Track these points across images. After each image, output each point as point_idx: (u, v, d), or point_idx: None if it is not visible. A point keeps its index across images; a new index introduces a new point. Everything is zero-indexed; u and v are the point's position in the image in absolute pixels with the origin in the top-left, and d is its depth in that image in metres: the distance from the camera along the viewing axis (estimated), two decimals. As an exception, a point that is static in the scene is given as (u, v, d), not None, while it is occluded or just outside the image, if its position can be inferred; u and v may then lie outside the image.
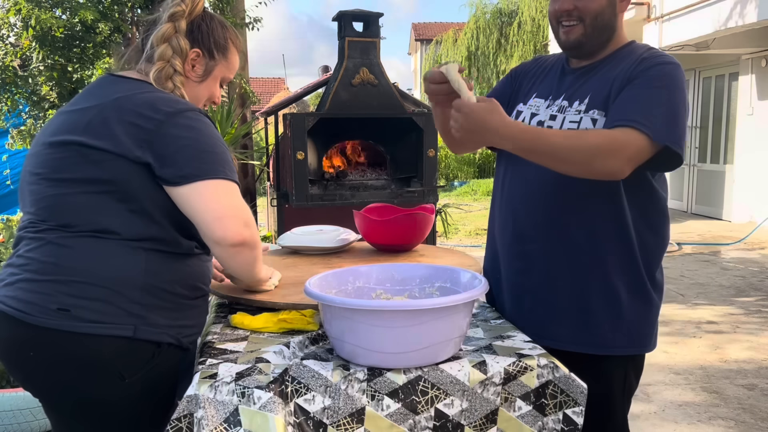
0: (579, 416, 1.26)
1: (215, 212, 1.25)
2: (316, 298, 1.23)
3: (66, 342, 1.21)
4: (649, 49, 1.50)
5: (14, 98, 4.20)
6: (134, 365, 1.25)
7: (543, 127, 1.53)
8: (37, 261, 1.25)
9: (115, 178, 1.25)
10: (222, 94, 6.63)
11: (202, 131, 1.29)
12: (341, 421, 1.17)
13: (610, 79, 1.48)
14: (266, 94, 19.90)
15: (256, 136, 8.65)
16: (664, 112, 1.38)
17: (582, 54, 1.57)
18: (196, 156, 1.26)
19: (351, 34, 4.99)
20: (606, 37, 1.53)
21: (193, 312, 1.38)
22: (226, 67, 1.46)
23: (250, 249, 1.32)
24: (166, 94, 1.32)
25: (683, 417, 2.90)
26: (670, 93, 1.41)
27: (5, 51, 4.03)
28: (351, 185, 5.13)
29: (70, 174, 1.26)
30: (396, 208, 2.32)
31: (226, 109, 5.33)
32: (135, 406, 1.29)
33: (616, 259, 1.51)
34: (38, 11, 3.70)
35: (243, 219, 1.27)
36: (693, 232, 8.18)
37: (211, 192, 1.26)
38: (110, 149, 1.24)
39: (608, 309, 1.52)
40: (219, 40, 1.43)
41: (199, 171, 1.25)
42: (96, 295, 1.22)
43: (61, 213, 1.26)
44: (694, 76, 10.01)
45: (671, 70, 1.43)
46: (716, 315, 4.51)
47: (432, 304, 1.17)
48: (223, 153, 1.30)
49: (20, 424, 2.63)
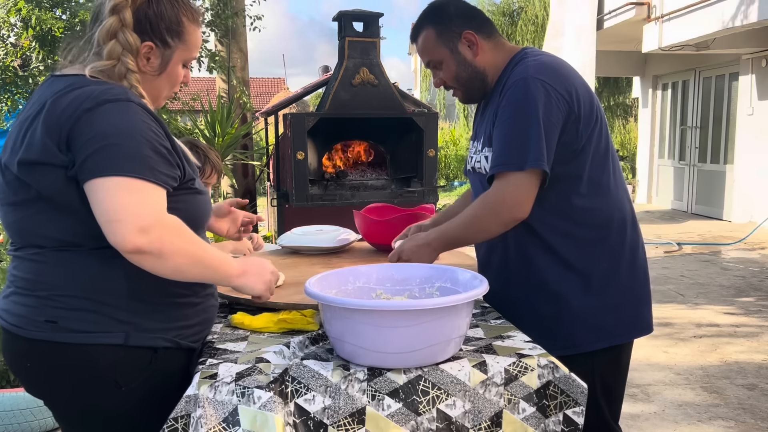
0: (579, 416, 1.26)
1: (105, 215, 1.10)
2: (316, 298, 1.23)
3: (58, 353, 1.19)
4: (513, 68, 1.58)
5: (14, 98, 4.20)
6: (130, 372, 1.22)
7: (474, 172, 1.69)
8: (19, 278, 1.24)
9: (52, 193, 1.16)
10: (222, 95, 6.64)
11: (114, 123, 1.13)
12: (342, 421, 1.17)
13: (490, 112, 1.60)
14: (266, 94, 19.89)
15: (256, 137, 8.65)
16: (513, 139, 1.49)
17: (477, 101, 1.74)
18: (97, 150, 1.11)
19: (351, 34, 4.99)
20: (479, 82, 1.65)
21: (192, 310, 1.31)
22: (185, 50, 1.30)
23: (155, 258, 1.11)
24: (93, 87, 1.17)
25: (683, 417, 2.90)
26: (515, 118, 1.50)
27: (5, 51, 4.03)
28: (351, 185, 5.13)
29: (16, 197, 1.20)
30: (396, 208, 2.32)
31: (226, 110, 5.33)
32: (139, 412, 1.25)
33: (547, 265, 1.58)
34: (38, 11, 3.70)
35: (137, 224, 1.09)
36: (693, 232, 8.17)
37: (104, 191, 1.10)
38: (39, 160, 1.15)
39: (557, 311, 1.58)
40: (171, 25, 1.26)
41: (95, 167, 1.11)
42: (81, 306, 1.18)
43: (25, 236, 1.22)
44: (694, 76, 10.01)
45: (518, 91, 1.50)
46: (716, 315, 4.51)
47: (432, 304, 1.16)
48: (133, 146, 1.13)
49: (20, 424, 2.63)
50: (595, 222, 1.58)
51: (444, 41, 1.62)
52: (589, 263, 1.58)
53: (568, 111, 1.50)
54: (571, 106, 1.51)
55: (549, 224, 1.56)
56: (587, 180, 1.56)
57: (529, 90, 1.48)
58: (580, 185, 1.56)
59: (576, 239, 1.57)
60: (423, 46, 1.66)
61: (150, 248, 1.10)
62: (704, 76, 9.86)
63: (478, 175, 1.66)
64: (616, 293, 1.60)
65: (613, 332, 1.60)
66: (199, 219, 1.32)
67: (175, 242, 1.14)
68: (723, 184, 9.20)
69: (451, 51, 1.62)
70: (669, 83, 10.80)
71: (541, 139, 1.46)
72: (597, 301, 1.58)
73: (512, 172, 1.48)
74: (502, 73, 1.62)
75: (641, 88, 11.59)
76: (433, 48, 1.64)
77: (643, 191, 11.35)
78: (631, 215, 1.65)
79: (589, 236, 1.57)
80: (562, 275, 1.57)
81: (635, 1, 8.22)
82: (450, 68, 1.64)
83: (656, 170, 11.10)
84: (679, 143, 10.42)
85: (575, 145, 1.53)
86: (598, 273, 1.58)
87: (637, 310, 1.63)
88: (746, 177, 8.59)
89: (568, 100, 1.50)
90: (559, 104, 1.49)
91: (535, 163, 1.46)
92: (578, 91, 1.53)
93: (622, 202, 1.63)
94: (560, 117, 1.49)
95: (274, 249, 2.31)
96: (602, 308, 1.58)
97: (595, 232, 1.58)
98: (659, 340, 3.94)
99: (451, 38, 1.62)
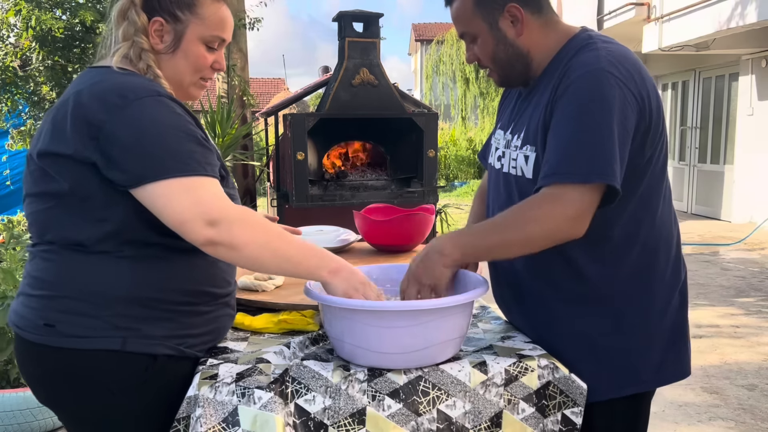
0: (578, 416, 1.26)
1: (174, 217, 1.12)
2: (316, 298, 1.23)
3: (53, 357, 1.18)
4: (575, 54, 1.30)
5: (14, 98, 4.20)
6: (125, 379, 1.19)
7: (501, 170, 1.44)
8: (29, 276, 1.23)
9: (71, 186, 1.15)
10: (222, 95, 6.63)
11: (149, 124, 1.13)
12: (342, 421, 1.17)
13: (542, 104, 1.32)
14: (266, 95, 19.90)
15: (256, 137, 8.65)
16: (579, 145, 1.21)
17: (517, 86, 1.46)
18: (142, 154, 1.11)
19: (351, 35, 4.99)
20: (521, 66, 1.38)
21: (199, 320, 1.26)
22: (202, 25, 1.26)
23: (227, 248, 1.13)
24: (121, 80, 1.17)
25: (683, 417, 2.90)
26: (582, 119, 1.23)
27: (5, 51, 4.03)
28: (351, 185, 5.14)
29: (37, 188, 1.20)
30: (396, 209, 2.32)
31: (226, 110, 5.34)
32: (142, 418, 1.22)
33: (571, 297, 1.34)
34: (38, 12, 3.70)
35: (205, 219, 1.10)
36: (693, 232, 8.18)
37: (164, 197, 1.11)
38: (62, 152, 1.14)
39: (579, 353, 1.33)
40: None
41: (145, 172, 1.11)
42: (80, 310, 1.17)
43: (41, 229, 1.22)
44: (694, 76, 10.01)
45: (589, 86, 1.23)
46: (716, 315, 4.51)
47: (432, 305, 1.17)
48: (173, 144, 1.13)
49: (20, 424, 2.63)
50: (611, 259, 1.32)
51: (483, 12, 1.35)
52: (616, 299, 1.34)
53: (639, 118, 1.25)
54: (643, 113, 1.25)
55: (578, 258, 1.32)
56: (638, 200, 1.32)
57: (602, 86, 1.22)
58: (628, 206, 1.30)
59: (597, 277, 1.33)
60: (457, 13, 1.39)
61: (220, 239, 1.11)
62: (704, 77, 9.86)
63: (510, 176, 1.40)
64: (642, 329, 1.35)
65: (639, 375, 1.36)
66: None
67: (246, 233, 1.13)
68: (723, 185, 9.20)
69: (490, 26, 1.35)
70: (669, 83, 10.81)
71: (614, 148, 1.20)
72: (622, 339, 1.34)
73: (573, 183, 1.21)
74: (555, 57, 1.35)
75: (641, 89, 11.58)
76: (470, 18, 1.37)
77: (643, 191, 11.33)
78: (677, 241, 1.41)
79: (609, 272, 1.33)
80: (588, 311, 1.34)
81: (635, 2, 8.22)
82: (487, 45, 1.37)
83: (656, 170, 11.09)
84: (679, 143, 10.42)
85: (638, 160, 1.27)
86: (627, 309, 1.35)
87: (651, 347, 1.37)
88: (746, 177, 8.59)
89: (641, 104, 1.25)
90: (633, 108, 1.23)
91: (603, 176, 1.19)
92: (650, 94, 1.27)
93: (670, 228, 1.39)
94: (633, 125, 1.24)
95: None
96: (626, 347, 1.34)
97: (617, 268, 1.33)
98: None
99: (493, 10, 1.34)
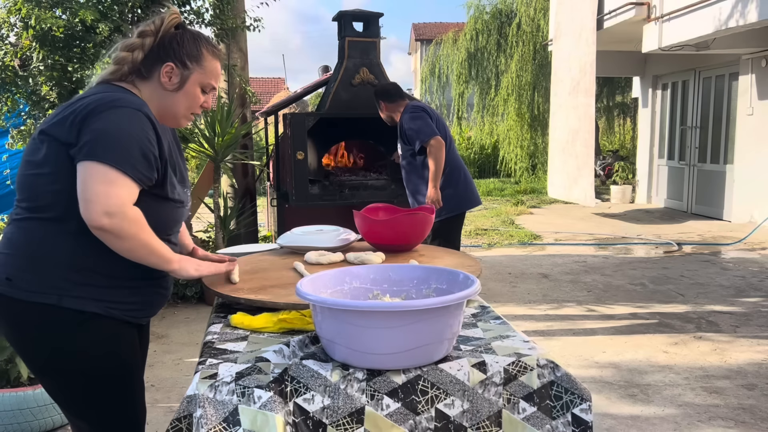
0: (588, 413, 1.25)
1: (83, 194, 1.33)
2: (305, 298, 1.22)
3: (10, 306, 1.42)
4: None
5: (14, 98, 4.19)
6: (61, 330, 1.41)
7: None
8: (4, 236, 1.47)
9: (47, 160, 1.39)
10: (222, 95, 6.64)
11: (117, 124, 1.36)
12: (341, 420, 1.17)
13: None
14: (266, 94, 19.90)
15: (256, 136, 8.65)
16: None
17: None
18: (95, 139, 1.34)
19: (351, 34, 4.99)
20: None
21: (128, 292, 1.48)
22: (202, 74, 1.55)
23: (114, 237, 1.35)
24: (117, 95, 1.43)
25: (683, 417, 2.90)
26: None
27: (5, 51, 4.02)
28: (351, 185, 5.13)
29: (28, 156, 1.44)
30: (396, 208, 2.32)
31: (226, 110, 5.33)
32: (78, 367, 1.43)
33: None
34: (38, 11, 3.69)
35: (105, 208, 1.32)
36: (693, 232, 8.17)
37: (88, 173, 1.33)
38: (55, 135, 1.39)
39: None
40: (191, 51, 1.53)
41: (89, 151, 1.34)
42: (31, 269, 1.40)
43: (20, 193, 1.45)
44: (693, 76, 10.01)
45: None
46: (716, 315, 4.51)
47: (417, 306, 1.15)
48: (125, 143, 1.36)
49: (20, 424, 2.63)
50: None
51: None
52: None
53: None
54: None
55: None
56: None
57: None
58: None
59: None
60: None
61: (111, 229, 1.34)
62: (704, 76, 9.86)
63: None
64: None
65: None
66: (160, 223, 1.48)
67: (132, 229, 1.36)
68: (723, 184, 9.20)
69: None
70: (669, 83, 10.80)
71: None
72: None
73: None
74: None
75: (641, 88, 11.58)
76: None
77: (642, 191, 11.34)
78: None
79: None
80: None
81: (635, 1, 8.21)
82: None
83: (656, 170, 11.09)
84: (679, 143, 10.42)
85: None
86: None
87: None
88: (746, 177, 8.59)
89: None
90: None
91: None
92: None
93: None
94: None
95: (274, 249, 2.31)
96: None
97: None
98: (659, 340, 3.94)
99: None
